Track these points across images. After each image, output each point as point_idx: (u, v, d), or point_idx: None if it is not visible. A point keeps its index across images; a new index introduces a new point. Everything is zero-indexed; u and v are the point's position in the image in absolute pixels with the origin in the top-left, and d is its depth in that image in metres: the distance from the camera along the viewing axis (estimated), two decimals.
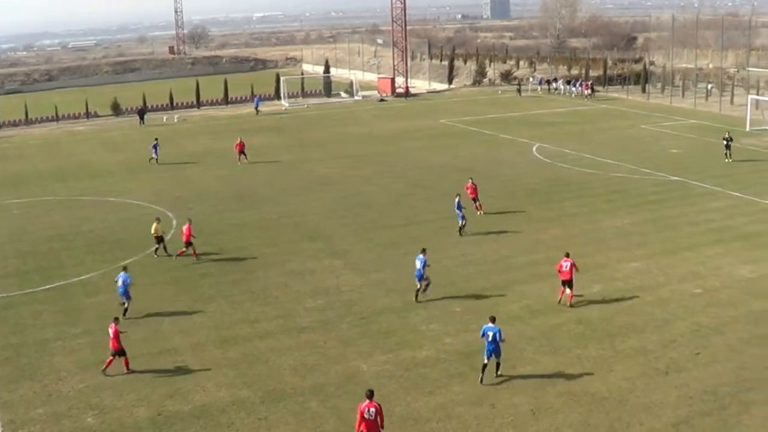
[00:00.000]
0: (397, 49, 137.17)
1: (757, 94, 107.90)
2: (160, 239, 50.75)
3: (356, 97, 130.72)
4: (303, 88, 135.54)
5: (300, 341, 37.47)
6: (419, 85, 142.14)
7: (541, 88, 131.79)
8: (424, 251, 42.28)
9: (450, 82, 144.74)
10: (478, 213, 57.64)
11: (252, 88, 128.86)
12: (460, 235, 53.26)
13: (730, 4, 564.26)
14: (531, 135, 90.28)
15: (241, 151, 79.14)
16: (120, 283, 41.23)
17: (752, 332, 37.86)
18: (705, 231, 53.93)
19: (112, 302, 42.34)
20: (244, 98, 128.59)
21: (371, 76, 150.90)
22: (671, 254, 49.06)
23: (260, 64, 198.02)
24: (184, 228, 50.43)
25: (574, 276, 41.62)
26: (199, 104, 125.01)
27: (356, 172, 73.69)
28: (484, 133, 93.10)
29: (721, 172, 69.49)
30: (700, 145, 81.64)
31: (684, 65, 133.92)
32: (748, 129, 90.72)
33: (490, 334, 33.35)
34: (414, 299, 42.16)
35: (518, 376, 33.62)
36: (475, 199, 58.26)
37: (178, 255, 50.17)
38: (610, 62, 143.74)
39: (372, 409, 27.30)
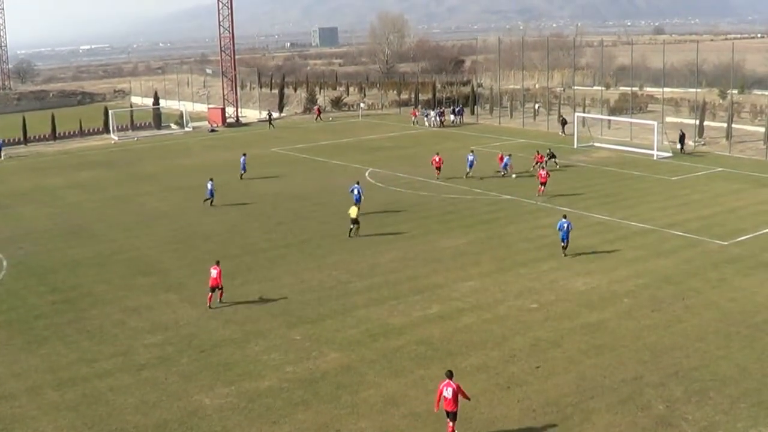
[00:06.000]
0: (226, 79, 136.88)
1: (584, 112, 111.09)
2: (355, 221, 59.21)
3: (187, 129, 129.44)
4: (132, 121, 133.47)
5: (140, 379, 36.82)
6: (250, 114, 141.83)
7: (434, 120, 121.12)
8: (565, 216, 54.23)
9: (281, 110, 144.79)
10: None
11: (80, 122, 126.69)
12: None
13: (555, 25, 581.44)
14: (363, 160, 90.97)
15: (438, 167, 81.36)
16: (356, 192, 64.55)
17: (589, 343, 38.95)
18: (538, 247, 55.30)
19: None
20: (72, 133, 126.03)
21: (201, 107, 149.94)
22: (507, 271, 50.18)
23: (88, 97, 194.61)
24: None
25: (547, 181, 68.68)
26: (26, 140, 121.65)
27: (190, 203, 72.89)
28: (316, 160, 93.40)
29: (550, 189, 71.13)
30: (529, 163, 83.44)
31: (511, 86, 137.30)
32: (575, 146, 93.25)
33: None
34: (563, 255, 52.83)
35: (362, 401, 33.76)
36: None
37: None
38: (439, 86, 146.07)
39: (450, 389, 29.87)
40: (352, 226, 59.36)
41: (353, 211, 59.45)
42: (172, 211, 70.49)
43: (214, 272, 45.56)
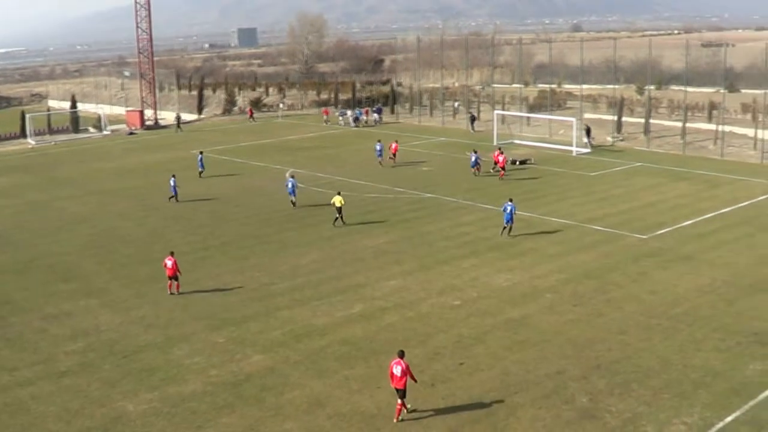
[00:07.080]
0: (144, 81, 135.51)
1: (503, 109, 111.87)
2: (340, 210, 61.41)
3: (105, 132, 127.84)
4: (50, 125, 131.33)
5: (62, 386, 36.31)
6: (169, 116, 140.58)
7: (350, 120, 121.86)
8: (511, 200, 57.12)
9: (200, 111, 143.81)
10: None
11: None
12: None
13: (473, 24, 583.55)
14: (284, 161, 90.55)
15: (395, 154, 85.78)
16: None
17: (512, 339, 39.24)
18: (460, 244, 55.55)
19: None
20: None
21: (120, 110, 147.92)
22: (429, 269, 50.32)
23: (4, 101, 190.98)
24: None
25: (505, 165, 76.39)
26: None
27: (110, 207, 72.07)
28: (235, 161, 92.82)
29: (471, 186, 71.69)
30: (450, 161, 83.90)
31: (431, 85, 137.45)
32: (495, 143, 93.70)
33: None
34: (501, 234, 56.80)
35: (287, 403, 33.63)
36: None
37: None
38: (358, 85, 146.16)
39: (399, 367, 31.45)
40: (337, 215, 61.56)
41: (337, 200, 61.37)
42: (92, 215, 69.60)
43: (169, 263, 47.48)
